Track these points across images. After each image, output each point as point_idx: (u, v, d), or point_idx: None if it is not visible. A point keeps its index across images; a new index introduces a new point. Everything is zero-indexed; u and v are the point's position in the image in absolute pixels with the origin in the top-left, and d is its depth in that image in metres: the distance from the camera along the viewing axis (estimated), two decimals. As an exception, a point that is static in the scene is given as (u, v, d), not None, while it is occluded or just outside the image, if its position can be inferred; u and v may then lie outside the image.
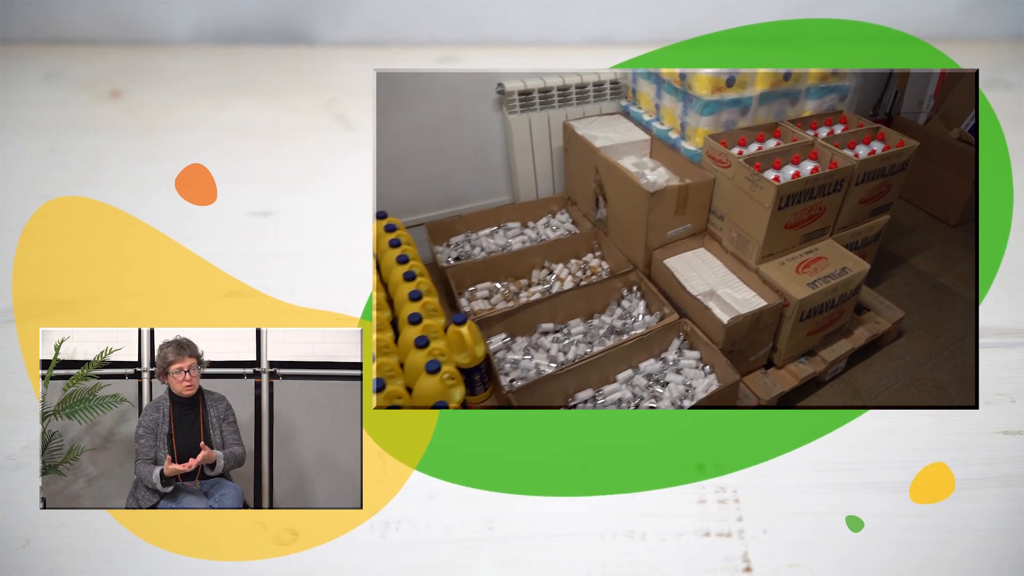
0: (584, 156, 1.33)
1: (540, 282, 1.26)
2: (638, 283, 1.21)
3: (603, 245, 1.33)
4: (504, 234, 1.37)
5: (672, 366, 1.08)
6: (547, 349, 1.11)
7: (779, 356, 1.14)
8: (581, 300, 1.18)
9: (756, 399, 1.09)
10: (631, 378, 1.06)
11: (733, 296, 1.12)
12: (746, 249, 1.16)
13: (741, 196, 1.14)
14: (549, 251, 1.30)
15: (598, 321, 1.18)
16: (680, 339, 1.11)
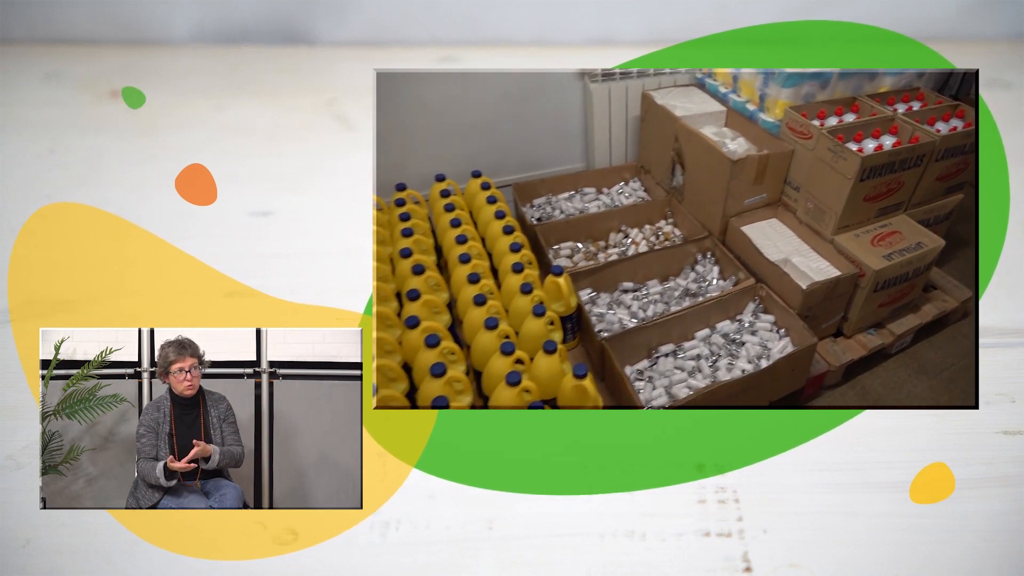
0: (663, 125, 1.37)
1: (617, 245, 1.33)
2: (712, 249, 1.26)
3: (676, 212, 1.37)
4: (581, 198, 1.44)
5: (748, 328, 1.12)
6: (628, 305, 1.18)
7: (849, 326, 1.17)
8: (657, 263, 1.24)
9: (827, 365, 1.12)
10: (708, 336, 1.11)
11: (808, 264, 1.15)
12: (822, 220, 1.19)
13: (821, 167, 1.16)
14: (624, 216, 1.36)
15: (673, 283, 1.24)
16: (755, 303, 1.15)
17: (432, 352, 0.91)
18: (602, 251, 1.31)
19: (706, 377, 1.04)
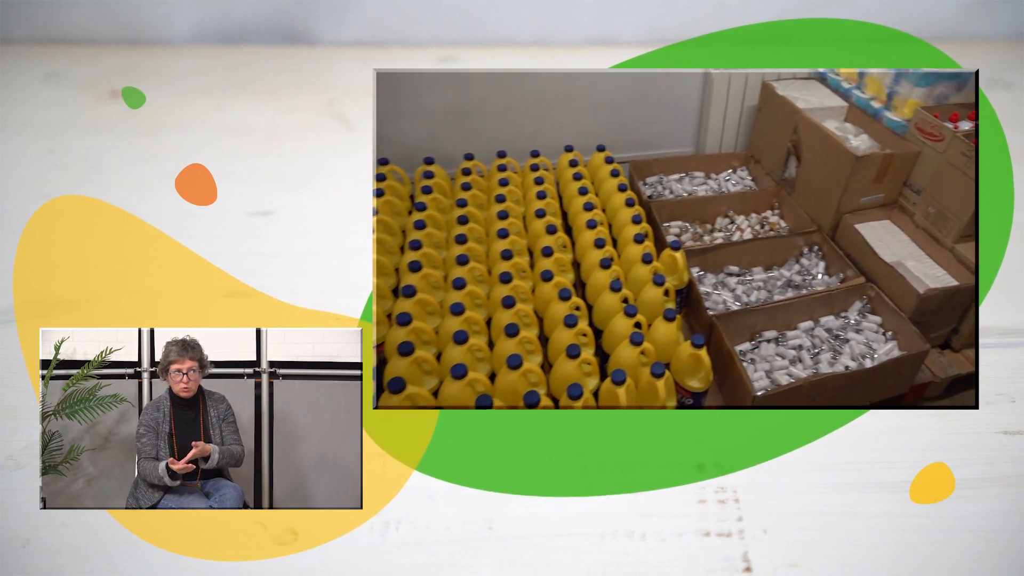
0: (782, 116, 1.38)
1: (722, 229, 1.36)
2: (820, 243, 1.26)
3: (784, 203, 1.38)
4: (690, 181, 1.49)
5: (853, 325, 1.11)
6: (732, 288, 1.20)
7: (958, 339, 1.14)
8: (762, 251, 1.26)
9: (931, 375, 1.10)
10: (812, 329, 1.11)
11: (923, 271, 1.14)
12: (944, 226, 1.17)
13: (951, 172, 1.14)
14: (732, 202, 1.39)
15: (776, 273, 1.25)
16: (863, 302, 1.14)
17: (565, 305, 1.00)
18: (707, 234, 1.34)
19: (807, 368, 1.05)
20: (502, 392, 0.91)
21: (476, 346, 0.95)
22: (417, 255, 1.08)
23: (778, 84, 1.43)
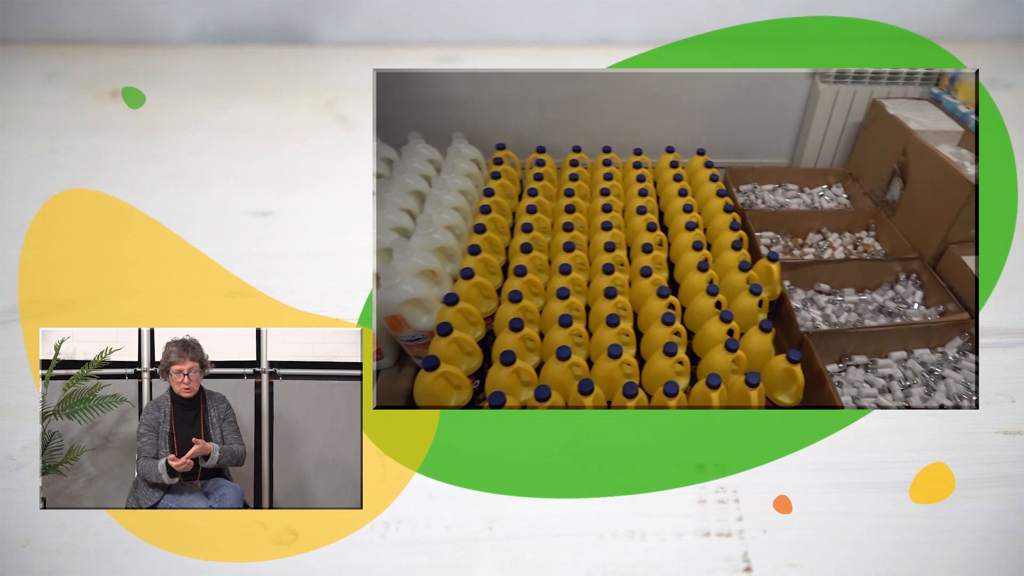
0: (890, 136, 1.35)
1: (813, 245, 1.33)
2: (920, 272, 1.21)
3: (881, 225, 1.34)
4: (783, 193, 1.47)
5: (951, 363, 1.06)
6: (821, 307, 1.17)
7: None
8: (855, 272, 1.23)
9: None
10: (905, 360, 1.07)
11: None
12: None
13: None
14: (826, 219, 1.37)
15: (868, 296, 1.21)
16: (964, 339, 1.08)
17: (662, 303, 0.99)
18: (798, 248, 1.32)
19: (896, 399, 1.01)
20: (599, 380, 0.91)
21: (577, 331, 0.96)
22: (528, 238, 1.10)
23: (888, 103, 1.40)
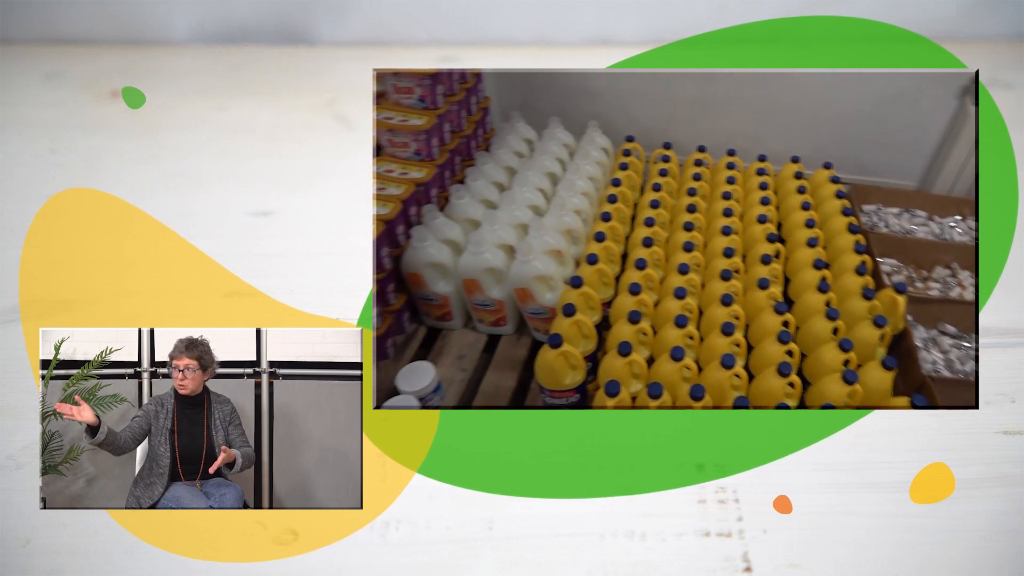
0: None
1: (940, 281, 1.22)
2: None
3: None
4: (910, 219, 1.35)
5: None
6: (945, 351, 1.07)
7: None
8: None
9: None
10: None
11: None
12: None
13: None
14: (957, 253, 1.25)
15: None
16: None
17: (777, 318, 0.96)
18: (921, 280, 1.21)
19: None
20: (708, 387, 0.89)
21: (690, 333, 0.94)
22: (649, 232, 1.09)
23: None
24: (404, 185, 1.00)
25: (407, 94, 1.04)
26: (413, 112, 1.04)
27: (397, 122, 1.03)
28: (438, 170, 1.05)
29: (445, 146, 1.09)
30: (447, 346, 1.03)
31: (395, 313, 1.00)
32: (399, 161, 1.04)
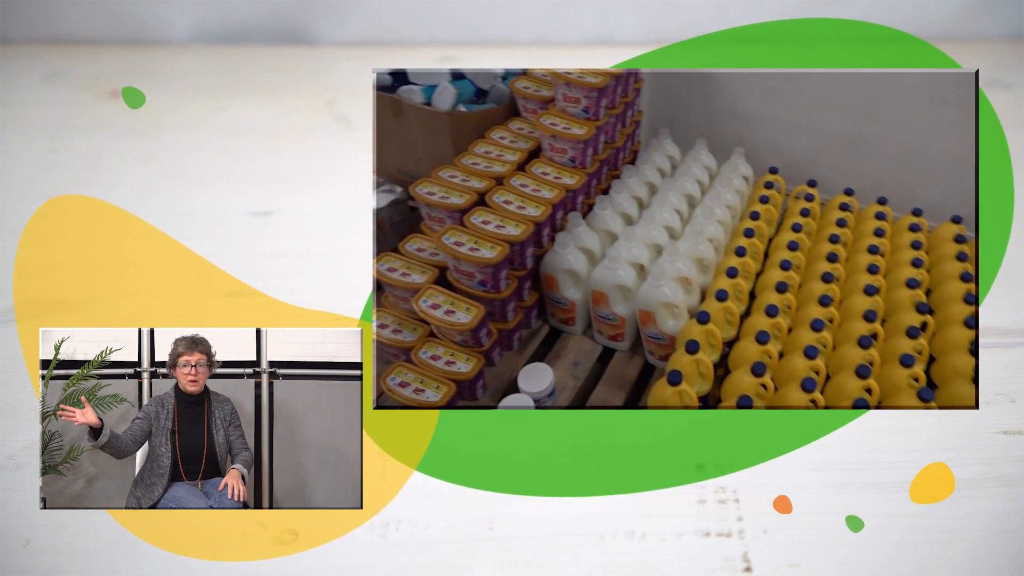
0: None
1: None
2: None
3: None
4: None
5: None
6: None
7: None
8: None
9: None
10: None
11: None
12: None
13: None
14: None
15: None
16: None
17: (920, 405, 0.86)
18: None
19: None
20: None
21: (815, 398, 0.86)
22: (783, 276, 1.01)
23: None
24: (556, 189, 1.01)
25: (574, 104, 1.05)
26: (575, 121, 1.05)
27: (560, 129, 1.04)
28: (588, 178, 1.07)
29: (597, 156, 1.10)
30: (565, 350, 1.04)
31: (526, 309, 1.02)
32: (555, 166, 1.06)
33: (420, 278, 0.97)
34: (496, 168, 1.05)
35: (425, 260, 0.99)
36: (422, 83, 1.18)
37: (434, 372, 0.92)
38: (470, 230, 0.95)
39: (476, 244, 0.93)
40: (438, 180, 1.02)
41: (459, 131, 1.14)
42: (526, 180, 1.03)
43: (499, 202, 0.99)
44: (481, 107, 1.17)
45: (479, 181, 1.02)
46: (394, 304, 1.00)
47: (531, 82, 1.13)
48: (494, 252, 0.93)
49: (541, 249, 1.01)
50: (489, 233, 0.95)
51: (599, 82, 1.03)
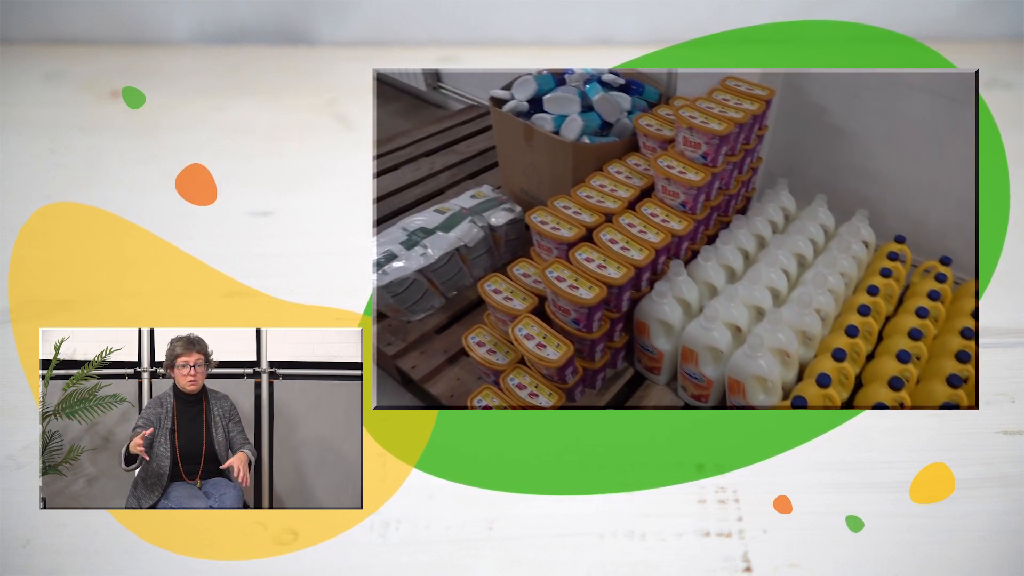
0: None
1: None
2: None
3: None
4: None
5: None
6: None
7: None
8: None
9: None
10: None
11: None
12: None
13: None
14: None
15: None
16: None
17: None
18: None
19: None
20: None
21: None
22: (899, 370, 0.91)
23: None
24: (662, 234, 0.97)
25: (693, 148, 1.02)
26: (692, 166, 1.01)
27: (675, 172, 1.00)
28: (696, 224, 1.02)
29: (709, 202, 1.05)
30: (645, 399, 1.01)
31: (615, 350, 1.00)
32: (664, 208, 1.02)
33: (520, 305, 0.96)
34: (607, 204, 1.03)
35: (528, 287, 0.98)
36: (555, 112, 1.18)
37: (517, 402, 0.91)
38: (573, 266, 0.93)
39: (576, 282, 0.91)
40: (552, 210, 1.01)
41: (580, 161, 1.14)
42: (634, 220, 0.99)
43: (605, 240, 0.96)
44: (603, 140, 1.16)
45: (589, 215, 1.01)
46: (494, 324, 1.00)
47: (655, 120, 1.11)
48: (592, 294, 0.90)
49: (639, 293, 0.98)
50: (590, 272, 0.92)
51: (722, 130, 0.99)
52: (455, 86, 1.75)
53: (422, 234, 1.12)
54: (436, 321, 1.10)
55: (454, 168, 1.45)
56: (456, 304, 1.13)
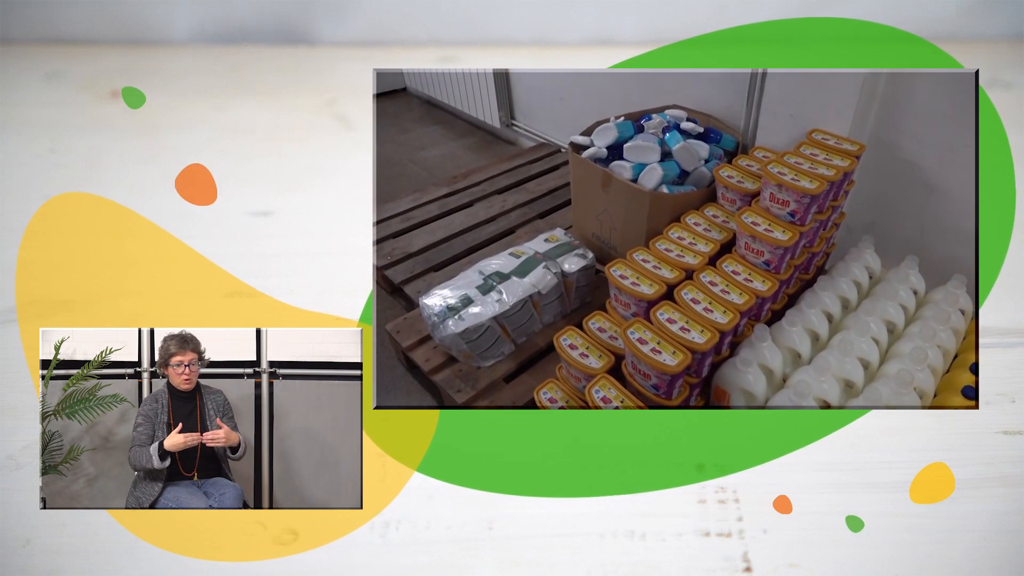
0: None
1: None
2: None
3: None
4: None
5: None
6: None
7: None
8: None
9: None
10: None
11: None
12: None
13: None
14: None
15: None
16: None
17: None
18: None
19: None
20: None
21: None
22: None
23: None
24: (746, 295, 0.93)
25: (781, 205, 0.96)
26: (779, 224, 0.96)
27: (761, 231, 0.95)
28: (779, 285, 0.97)
29: (793, 260, 1.00)
30: None
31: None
32: (747, 266, 0.97)
33: (596, 363, 0.93)
34: (687, 259, 0.99)
35: (604, 344, 0.95)
36: (634, 160, 1.17)
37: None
38: (655, 327, 0.89)
39: (659, 346, 0.87)
40: (632, 263, 0.97)
41: (656, 210, 1.11)
42: (715, 278, 0.95)
43: (687, 299, 0.92)
44: (680, 189, 1.14)
45: (669, 270, 0.96)
46: (566, 379, 0.97)
47: (736, 171, 1.07)
48: (675, 360, 0.86)
49: (719, 356, 0.94)
50: (673, 335, 0.88)
51: (815, 188, 0.93)
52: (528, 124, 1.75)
53: (497, 279, 1.10)
54: (505, 368, 1.08)
55: (524, 207, 1.45)
56: (525, 351, 1.11)
